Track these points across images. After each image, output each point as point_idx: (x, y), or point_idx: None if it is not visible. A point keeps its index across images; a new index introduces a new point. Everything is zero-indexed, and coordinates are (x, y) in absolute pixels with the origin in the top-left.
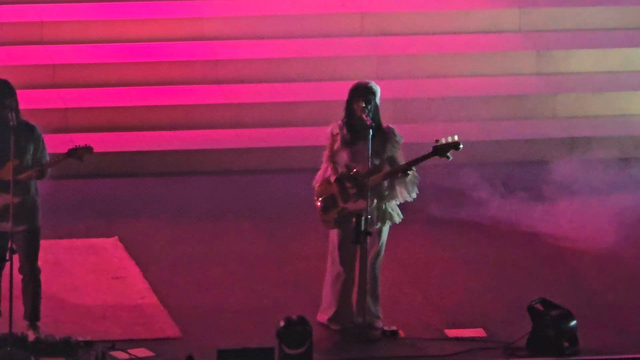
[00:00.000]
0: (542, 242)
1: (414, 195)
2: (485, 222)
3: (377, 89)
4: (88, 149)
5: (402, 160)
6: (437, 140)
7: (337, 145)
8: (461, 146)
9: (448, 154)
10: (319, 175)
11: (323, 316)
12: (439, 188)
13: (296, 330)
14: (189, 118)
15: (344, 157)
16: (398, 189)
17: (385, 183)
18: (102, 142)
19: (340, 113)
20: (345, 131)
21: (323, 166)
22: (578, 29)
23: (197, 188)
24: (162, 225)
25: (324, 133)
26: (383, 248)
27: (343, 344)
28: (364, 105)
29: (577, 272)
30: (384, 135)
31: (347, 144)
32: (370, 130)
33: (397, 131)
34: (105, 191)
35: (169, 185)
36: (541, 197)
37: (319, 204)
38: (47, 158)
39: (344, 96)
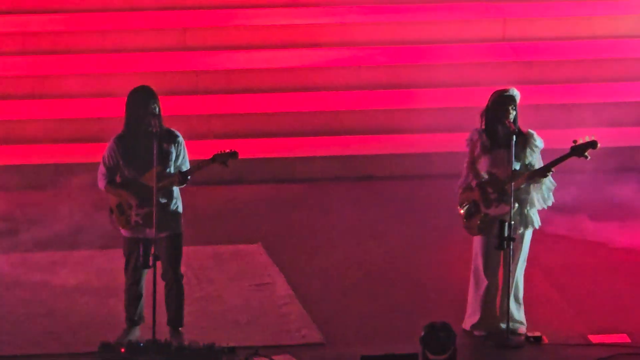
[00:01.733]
0: None
1: (550, 202)
2: (629, 227)
3: (518, 95)
4: (233, 154)
5: (539, 164)
6: (574, 141)
7: (477, 151)
8: (598, 145)
9: (586, 154)
10: (460, 182)
11: (467, 323)
12: (582, 193)
13: (440, 336)
14: (333, 124)
15: (484, 163)
16: (535, 195)
17: (524, 188)
18: (244, 148)
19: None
20: (484, 138)
21: (464, 173)
22: None
23: (340, 193)
24: (305, 231)
25: (464, 139)
26: (526, 253)
27: (487, 350)
28: (506, 112)
29: None
30: (524, 140)
31: (487, 150)
32: (514, 136)
33: (537, 135)
34: (248, 197)
35: (312, 190)
36: None
37: (461, 210)
38: (188, 165)
39: (484, 102)
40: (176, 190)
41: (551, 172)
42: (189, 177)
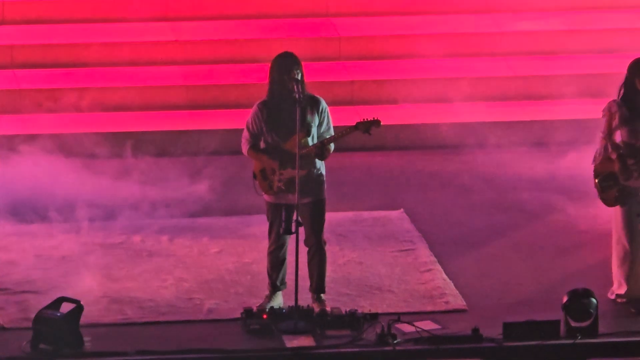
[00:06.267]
0: None
1: None
2: None
3: None
4: (376, 123)
5: None
6: None
7: (615, 123)
8: None
9: None
10: (597, 153)
11: (613, 294)
12: None
13: (582, 303)
14: (472, 90)
15: (623, 134)
16: None
17: None
18: (387, 115)
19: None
20: (624, 108)
21: (601, 144)
22: None
23: (480, 161)
24: (448, 198)
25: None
26: None
27: (629, 318)
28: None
29: None
30: None
31: (627, 121)
32: None
33: None
34: (391, 164)
35: (455, 157)
36: None
37: (597, 181)
38: (332, 132)
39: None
40: None
41: None
42: (331, 146)
